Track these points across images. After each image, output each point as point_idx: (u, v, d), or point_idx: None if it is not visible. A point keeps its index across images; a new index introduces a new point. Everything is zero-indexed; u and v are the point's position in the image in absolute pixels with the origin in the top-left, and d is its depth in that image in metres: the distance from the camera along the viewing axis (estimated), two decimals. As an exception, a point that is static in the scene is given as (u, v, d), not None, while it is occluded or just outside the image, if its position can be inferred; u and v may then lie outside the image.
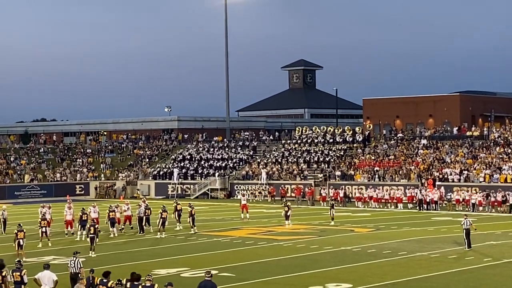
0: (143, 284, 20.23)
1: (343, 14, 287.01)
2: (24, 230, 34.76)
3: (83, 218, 41.32)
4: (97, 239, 37.13)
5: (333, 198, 60.01)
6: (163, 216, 42.47)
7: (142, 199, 49.02)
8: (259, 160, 76.75)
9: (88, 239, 36.07)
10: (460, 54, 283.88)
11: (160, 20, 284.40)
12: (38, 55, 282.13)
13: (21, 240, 33.81)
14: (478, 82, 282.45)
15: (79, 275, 23.24)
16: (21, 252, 33.40)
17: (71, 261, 24.52)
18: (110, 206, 44.13)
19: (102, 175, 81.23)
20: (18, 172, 79.32)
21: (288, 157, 75.18)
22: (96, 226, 37.02)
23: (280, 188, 66.90)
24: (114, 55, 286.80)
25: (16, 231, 34.11)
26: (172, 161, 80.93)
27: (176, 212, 45.52)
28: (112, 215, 42.88)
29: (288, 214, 46.24)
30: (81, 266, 24.09)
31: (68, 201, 47.22)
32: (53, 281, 22.71)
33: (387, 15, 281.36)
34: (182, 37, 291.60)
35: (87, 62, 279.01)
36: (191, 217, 43.55)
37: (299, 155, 75.02)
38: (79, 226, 41.59)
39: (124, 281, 20.46)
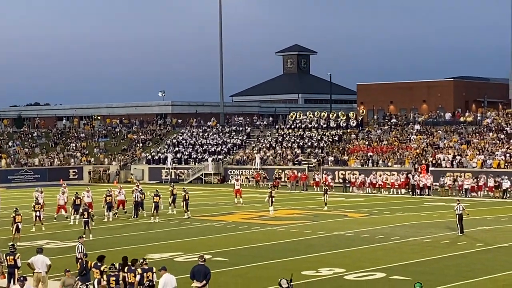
0: (142, 267, 20.27)
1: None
2: (21, 214, 34.76)
3: (77, 203, 41.38)
4: (93, 223, 37.20)
5: (326, 183, 59.97)
6: (155, 200, 42.48)
7: (136, 184, 49.08)
8: (253, 145, 76.79)
9: (82, 224, 36.15)
10: (455, 39, 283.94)
11: (154, 5, 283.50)
12: (32, 39, 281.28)
13: (19, 224, 33.79)
14: (472, 68, 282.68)
15: (80, 260, 23.11)
16: (17, 235, 33.40)
17: (77, 246, 24.43)
18: (108, 190, 44.22)
19: (95, 159, 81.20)
20: (12, 156, 79.23)
21: (282, 142, 75.23)
22: (90, 211, 37.04)
23: (273, 177, 66.71)
24: (108, 40, 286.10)
25: (13, 215, 34.09)
26: (166, 146, 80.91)
27: (172, 197, 45.59)
28: (109, 199, 42.97)
29: (271, 200, 45.85)
30: (80, 251, 23.97)
31: (63, 185, 47.17)
32: (46, 265, 22.73)
33: (381, 0, 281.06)
34: (176, 22, 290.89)
35: (81, 46, 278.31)
36: (184, 202, 43.62)
37: (293, 140, 75.05)
38: (73, 210, 41.63)
39: (117, 265, 20.50)
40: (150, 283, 18.10)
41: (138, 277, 19.82)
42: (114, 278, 19.79)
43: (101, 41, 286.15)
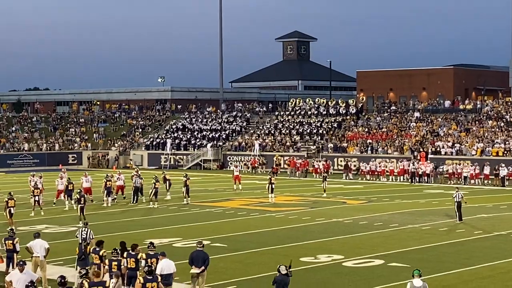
0: (147, 252, 20.29)
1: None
2: (15, 198, 34.74)
3: (69, 188, 41.29)
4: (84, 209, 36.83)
5: (325, 170, 59.97)
6: (156, 186, 42.45)
7: (136, 169, 49.04)
8: (252, 132, 76.75)
9: (78, 209, 35.97)
10: (454, 27, 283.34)
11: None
12: (32, 23, 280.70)
13: (11, 209, 33.78)
14: (472, 55, 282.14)
15: (79, 244, 23.02)
16: (11, 220, 33.34)
17: (81, 231, 24.35)
18: (107, 175, 44.19)
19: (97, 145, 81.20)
20: (11, 140, 79.21)
21: (282, 129, 75.19)
22: (86, 196, 36.89)
23: (273, 163, 66.65)
24: (108, 24, 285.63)
25: (6, 199, 34.08)
26: (165, 132, 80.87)
27: (167, 182, 45.37)
28: (109, 184, 42.92)
29: (271, 187, 45.84)
30: (93, 237, 23.93)
31: (62, 170, 47.14)
32: (45, 249, 22.75)
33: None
34: (176, 8, 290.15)
35: (80, 31, 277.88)
36: (185, 187, 43.55)
37: (292, 127, 75.01)
38: (66, 195, 41.56)
39: (118, 250, 20.50)
40: (149, 269, 18.04)
41: (143, 262, 19.82)
42: (116, 263, 19.82)
43: (100, 27, 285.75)
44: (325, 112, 76.57)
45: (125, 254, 20.41)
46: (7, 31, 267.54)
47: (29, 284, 16.50)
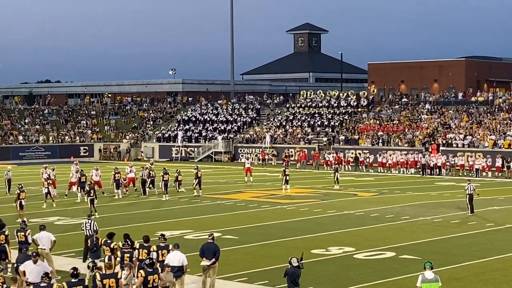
0: (157, 244, 20.31)
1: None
2: (25, 190, 34.83)
3: (82, 180, 41.39)
4: (96, 201, 36.86)
5: (336, 162, 59.91)
6: (164, 178, 42.42)
7: (150, 162, 49.04)
8: (263, 124, 76.72)
9: (88, 201, 36.06)
10: (467, 18, 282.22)
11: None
12: (43, 15, 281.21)
13: (22, 201, 33.90)
14: (484, 47, 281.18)
15: (91, 236, 23.09)
16: (22, 212, 33.49)
17: (86, 223, 24.46)
18: (116, 167, 44.29)
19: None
20: (23, 133, 79.45)
21: (292, 121, 75.12)
22: (94, 188, 36.97)
23: (283, 156, 66.52)
24: (120, 16, 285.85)
25: (18, 192, 34.21)
26: (176, 124, 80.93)
27: (177, 182, 45.13)
28: (118, 176, 43.01)
29: (285, 178, 46.25)
30: (97, 228, 24.05)
31: (74, 163, 47.28)
32: (51, 241, 22.85)
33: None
34: (187, 0, 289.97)
35: (92, 24, 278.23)
36: (197, 180, 43.52)
37: (303, 119, 74.93)
38: (79, 188, 41.67)
39: (130, 242, 20.51)
40: (150, 261, 17.96)
41: (154, 254, 19.84)
42: (128, 255, 19.87)
43: (112, 19, 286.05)
44: (336, 105, 76.46)
45: (137, 245, 20.45)
46: (19, 24, 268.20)
47: (44, 275, 16.53)
